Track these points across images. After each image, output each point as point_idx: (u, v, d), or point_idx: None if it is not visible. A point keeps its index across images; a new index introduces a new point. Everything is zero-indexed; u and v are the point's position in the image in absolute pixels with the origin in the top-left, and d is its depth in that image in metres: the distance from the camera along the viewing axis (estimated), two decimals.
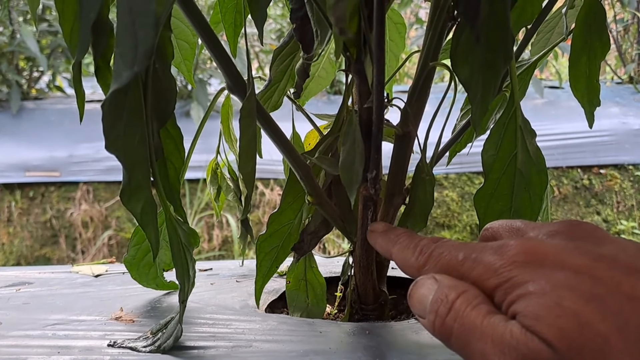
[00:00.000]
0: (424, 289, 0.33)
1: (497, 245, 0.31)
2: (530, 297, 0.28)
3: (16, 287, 0.63)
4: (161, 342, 0.44)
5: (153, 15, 0.31)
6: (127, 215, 2.81)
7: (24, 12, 3.08)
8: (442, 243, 0.35)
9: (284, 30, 3.42)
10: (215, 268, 0.72)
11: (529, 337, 0.27)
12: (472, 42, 0.39)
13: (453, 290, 0.31)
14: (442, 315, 0.31)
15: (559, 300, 0.27)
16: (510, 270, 0.29)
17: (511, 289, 0.29)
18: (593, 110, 0.54)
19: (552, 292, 0.27)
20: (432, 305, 0.31)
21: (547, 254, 0.29)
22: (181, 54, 0.57)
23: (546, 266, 0.29)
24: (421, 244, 0.36)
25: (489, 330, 0.28)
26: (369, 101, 0.42)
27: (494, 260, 0.30)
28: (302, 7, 0.43)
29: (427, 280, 0.33)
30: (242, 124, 0.39)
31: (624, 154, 2.98)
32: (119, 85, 0.30)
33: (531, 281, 0.28)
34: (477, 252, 0.32)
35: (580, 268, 0.28)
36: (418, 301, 0.33)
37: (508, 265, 0.30)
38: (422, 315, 0.32)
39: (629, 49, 3.72)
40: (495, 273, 0.30)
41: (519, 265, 0.29)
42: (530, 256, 0.29)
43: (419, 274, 0.35)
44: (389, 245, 0.39)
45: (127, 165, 0.34)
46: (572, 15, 0.52)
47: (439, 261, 0.34)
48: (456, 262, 0.32)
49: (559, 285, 0.27)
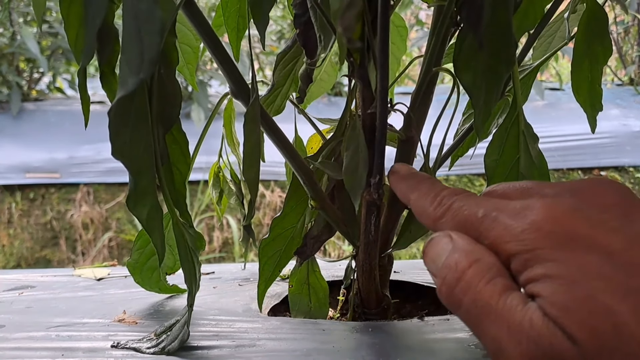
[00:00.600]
0: (438, 247, 0.30)
1: (520, 206, 0.28)
2: (558, 282, 0.25)
3: (19, 290, 0.64)
4: (166, 344, 0.44)
5: (159, 21, 0.31)
6: (128, 217, 2.81)
7: (25, 14, 3.08)
8: (464, 196, 0.32)
9: (285, 32, 3.42)
10: (218, 271, 0.72)
11: (551, 330, 0.24)
12: (475, 47, 0.39)
13: (465, 257, 0.28)
14: (450, 284, 0.28)
15: (593, 292, 0.24)
16: (534, 239, 0.26)
17: (533, 261, 0.26)
18: (595, 115, 0.54)
19: (584, 281, 0.24)
20: (441, 270, 0.29)
21: (577, 227, 0.26)
22: (184, 58, 0.57)
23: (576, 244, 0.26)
24: (442, 194, 0.33)
25: (505, 314, 0.26)
26: (373, 106, 0.42)
27: (515, 222, 0.28)
28: (306, 12, 0.43)
29: (443, 239, 0.30)
30: (246, 130, 0.39)
31: (624, 156, 2.99)
32: (125, 92, 0.30)
33: (558, 261, 0.25)
34: (499, 211, 0.29)
35: (614, 251, 0.25)
36: (431, 260, 0.30)
37: (532, 231, 0.27)
38: (435, 275, 0.30)
39: (629, 50, 3.73)
40: (516, 238, 0.27)
41: (544, 234, 0.26)
42: (557, 226, 0.27)
43: (434, 226, 0.32)
44: (409, 192, 0.36)
45: (133, 171, 0.34)
46: (574, 20, 0.52)
47: (457, 215, 0.31)
48: (475, 219, 0.30)
49: (592, 273, 0.25)
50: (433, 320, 0.50)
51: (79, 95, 0.40)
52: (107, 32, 0.36)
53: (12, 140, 2.92)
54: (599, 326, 0.23)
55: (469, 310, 0.27)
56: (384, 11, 0.38)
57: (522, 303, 0.26)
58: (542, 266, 0.26)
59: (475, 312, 0.27)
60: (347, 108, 0.47)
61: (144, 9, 0.31)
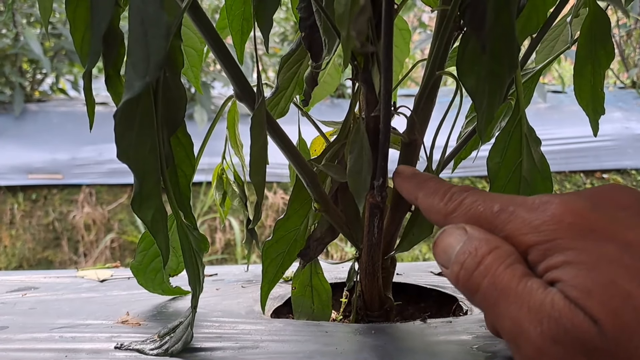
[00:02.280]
0: (451, 238, 0.30)
1: (538, 201, 0.29)
2: (579, 267, 0.25)
3: (22, 292, 0.64)
4: (169, 345, 0.44)
5: (165, 25, 0.31)
6: (130, 218, 2.82)
7: (28, 15, 3.09)
8: (475, 192, 0.32)
9: (288, 34, 3.43)
10: (221, 273, 0.72)
11: (573, 310, 0.24)
12: (478, 51, 0.39)
13: (485, 244, 0.29)
14: (469, 268, 0.29)
15: (613, 277, 0.25)
16: (555, 230, 0.27)
17: (553, 250, 0.27)
18: (597, 119, 0.54)
19: (605, 267, 0.25)
20: (459, 256, 0.29)
21: (597, 221, 0.27)
22: (188, 61, 0.57)
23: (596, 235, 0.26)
24: (452, 190, 0.33)
25: (525, 295, 0.26)
26: (376, 109, 0.42)
27: (534, 215, 0.28)
28: (311, 16, 0.43)
29: (456, 230, 0.30)
30: (253, 133, 0.40)
31: (626, 159, 2.99)
32: (131, 95, 0.30)
33: (579, 249, 0.26)
34: (516, 205, 0.29)
35: (632, 243, 0.26)
36: (442, 250, 0.31)
37: (552, 223, 0.27)
38: (445, 265, 0.30)
39: (631, 53, 3.73)
40: (536, 230, 0.28)
41: (565, 226, 0.27)
42: (577, 219, 0.27)
43: (445, 221, 0.32)
44: (415, 190, 0.36)
45: (138, 173, 0.34)
46: (577, 24, 0.53)
47: (470, 210, 0.31)
48: (490, 213, 0.30)
49: (612, 261, 0.25)
50: (436, 322, 0.50)
51: (84, 98, 0.40)
52: (112, 36, 0.36)
53: (15, 141, 2.93)
54: (620, 308, 0.24)
55: (488, 292, 0.27)
56: (388, 15, 0.38)
57: (542, 286, 0.26)
58: (562, 254, 0.26)
59: (494, 295, 0.27)
60: (350, 111, 0.47)
61: (151, 12, 0.31)
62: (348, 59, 0.38)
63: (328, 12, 0.41)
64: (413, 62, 0.52)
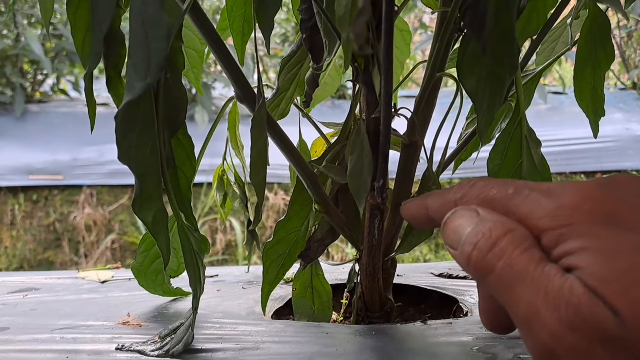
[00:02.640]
0: (462, 219, 0.29)
1: (554, 187, 0.28)
2: (597, 255, 0.25)
3: (23, 293, 0.64)
4: (170, 346, 0.44)
5: (165, 27, 0.31)
6: (131, 219, 2.82)
7: (29, 15, 3.09)
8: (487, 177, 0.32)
9: (289, 35, 3.43)
10: (221, 274, 0.72)
11: (593, 299, 0.24)
12: (478, 53, 0.40)
13: (499, 226, 0.28)
14: (483, 249, 0.28)
15: (632, 265, 0.24)
16: (571, 215, 0.26)
17: (568, 235, 0.26)
18: (597, 120, 0.55)
19: (624, 255, 0.24)
20: (471, 237, 0.28)
21: (616, 208, 0.26)
22: (189, 62, 0.57)
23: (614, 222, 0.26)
24: (461, 183, 0.32)
25: (542, 280, 0.25)
26: (377, 111, 0.42)
27: (550, 200, 0.27)
28: (312, 17, 0.43)
29: (467, 212, 0.30)
30: (253, 135, 0.40)
31: (627, 160, 2.99)
32: (132, 96, 0.30)
33: (596, 236, 0.25)
34: (531, 189, 0.29)
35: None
36: (452, 231, 0.30)
37: (569, 208, 0.27)
38: (454, 247, 0.30)
39: (632, 55, 3.73)
40: (551, 214, 0.27)
41: (582, 212, 0.26)
42: (596, 205, 0.26)
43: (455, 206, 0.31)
44: (423, 200, 0.35)
45: (139, 175, 0.34)
46: (577, 26, 0.53)
47: (482, 193, 0.30)
48: (504, 196, 0.29)
49: (630, 248, 0.24)
50: (436, 323, 0.50)
51: (86, 99, 0.40)
52: (113, 37, 0.36)
53: (16, 141, 2.93)
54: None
55: (502, 275, 0.27)
56: (388, 17, 0.38)
57: (560, 272, 0.25)
58: (578, 240, 0.26)
59: (509, 277, 0.26)
60: (351, 112, 0.47)
61: (151, 14, 0.31)
62: (349, 61, 0.38)
63: (329, 13, 0.41)
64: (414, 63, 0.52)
